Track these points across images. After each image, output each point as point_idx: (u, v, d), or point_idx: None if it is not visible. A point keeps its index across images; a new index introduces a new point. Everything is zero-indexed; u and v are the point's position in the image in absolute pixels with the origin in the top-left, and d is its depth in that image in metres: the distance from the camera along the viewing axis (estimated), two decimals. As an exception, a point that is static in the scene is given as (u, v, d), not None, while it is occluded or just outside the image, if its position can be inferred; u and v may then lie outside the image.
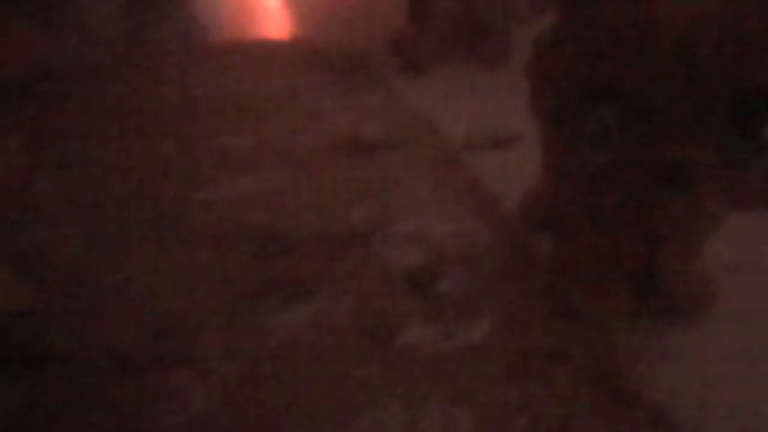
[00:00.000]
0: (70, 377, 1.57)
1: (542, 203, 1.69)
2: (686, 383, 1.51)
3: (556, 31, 1.46)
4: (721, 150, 1.32)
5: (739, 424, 1.44)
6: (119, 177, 2.12)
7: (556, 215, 1.61)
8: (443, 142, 2.21)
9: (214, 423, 1.48)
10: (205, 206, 2.00)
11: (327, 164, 2.14)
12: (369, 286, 1.76)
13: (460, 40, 2.65)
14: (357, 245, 1.87)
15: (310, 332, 1.66)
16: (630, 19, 1.30)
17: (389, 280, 1.77)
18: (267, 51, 3.11)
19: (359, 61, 2.88)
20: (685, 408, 1.47)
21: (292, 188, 2.06)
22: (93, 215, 1.98)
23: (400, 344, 1.62)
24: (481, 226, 1.91)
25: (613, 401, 1.49)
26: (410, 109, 2.36)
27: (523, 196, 1.82)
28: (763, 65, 1.24)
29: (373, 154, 2.17)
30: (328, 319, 1.68)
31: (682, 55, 1.27)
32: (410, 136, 2.23)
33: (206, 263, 1.84)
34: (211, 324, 1.68)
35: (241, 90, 2.65)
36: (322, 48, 3.07)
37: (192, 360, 1.59)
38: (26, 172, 2.14)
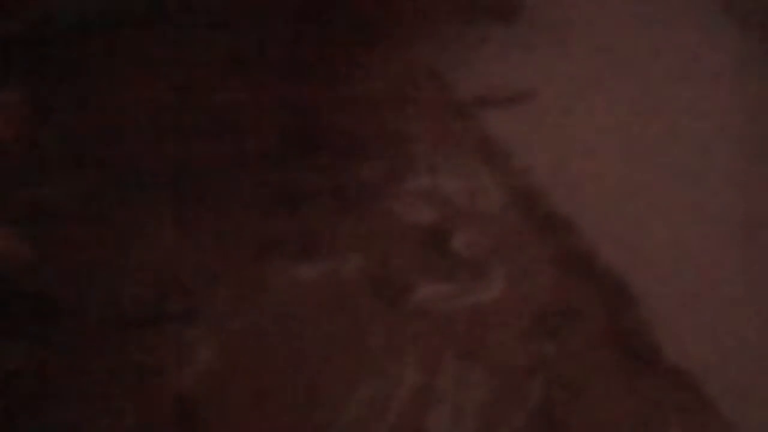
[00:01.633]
0: (73, 333, 1.54)
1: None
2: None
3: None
4: None
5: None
6: (123, 131, 2.08)
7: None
8: (454, 98, 2.17)
9: (220, 379, 1.46)
10: (209, 160, 1.96)
11: (337, 118, 2.10)
12: (379, 243, 1.73)
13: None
14: (367, 202, 1.84)
15: (319, 289, 1.63)
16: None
17: (400, 237, 1.74)
18: None
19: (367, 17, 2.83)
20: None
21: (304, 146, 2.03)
22: (96, 172, 1.95)
23: (411, 302, 1.59)
24: (494, 183, 1.88)
25: (630, 360, 1.47)
26: (420, 64, 2.31)
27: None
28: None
29: (384, 109, 2.13)
30: (337, 276, 1.66)
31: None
32: (420, 92, 2.18)
33: (213, 219, 1.81)
34: (218, 280, 1.65)
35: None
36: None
37: (198, 316, 1.57)
38: (29, 128, 2.10)
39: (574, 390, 1.42)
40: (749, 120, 2.09)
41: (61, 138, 2.07)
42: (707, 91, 2.15)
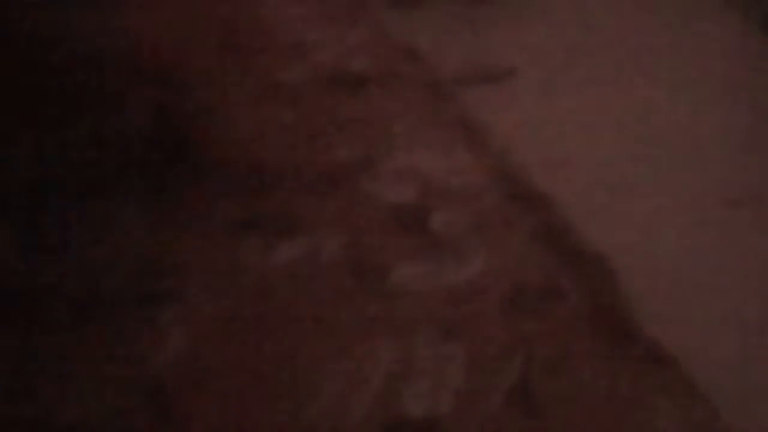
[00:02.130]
0: (46, 318, 1.52)
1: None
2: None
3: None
4: None
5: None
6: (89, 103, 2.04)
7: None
8: (434, 76, 2.15)
9: (196, 363, 1.44)
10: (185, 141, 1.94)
11: (314, 99, 2.08)
12: (358, 223, 1.72)
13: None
14: (346, 181, 1.82)
15: (297, 270, 1.61)
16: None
17: (379, 217, 1.72)
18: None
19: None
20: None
21: (279, 123, 2.00)
22: (66, 154, 1.91)
23: (389, 282, 1.58)
24: (473, 162, 1.86)
25: (610, 338, 1.46)
26: (400, 42, 2.29)
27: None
28: None
29: (362, 88, 2.11)
30: (314, 256, 1.64)
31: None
32: (400, 70, 2.16)
33: (187, 200, 1.78)
34: (193, 262, 1.63)
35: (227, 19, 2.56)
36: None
37: (172, 299, 1.55)
38: None
39: (553, 369, 1.41)
40: (735, 94, 2.08)
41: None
42: (690, 65, 2.14)
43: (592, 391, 1.37)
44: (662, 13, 2.33)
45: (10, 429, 1.34)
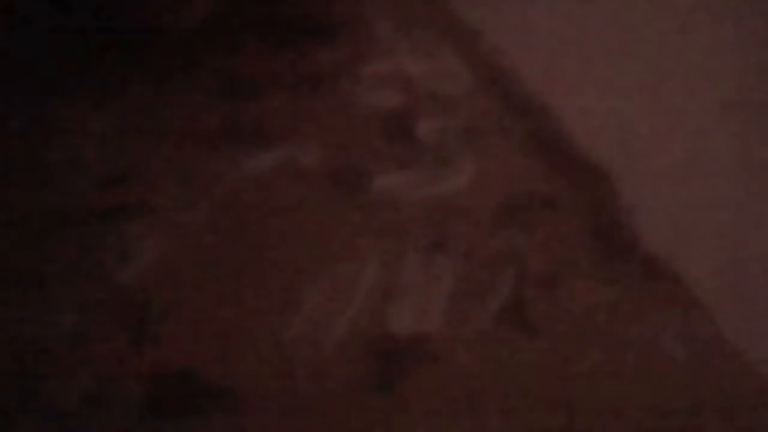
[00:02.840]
0: (7, 231, 1.44)
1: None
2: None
3: None
4: None
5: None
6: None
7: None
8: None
9: (169, 276, 1.37)
10: (162, 47, 1.83)
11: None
12: (339, 131, 1.63)
13: None
14: (325, 87, 1.72)
15: (275, 180, 1.53)
16: None
17: (362, 124, 1.64)
18: None
19: None
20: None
21: (254, 27, 1.90)
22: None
23: (373, 192, 1.51)
24: (461, 65, 1.77)
25: (606, 251, 1.39)
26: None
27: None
28: None
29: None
30: (294, 165, 1.56)
31: None
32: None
33: (160, 105, 1.68)
34: (166, 172, 1.54)
35: None
36: None
37: (143, 210, 1.47)
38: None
39: (547, 284, 1.35)
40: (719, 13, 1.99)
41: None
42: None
43: (589, 308, 1.32)
44: None
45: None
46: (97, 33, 1.82)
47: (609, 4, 1.94)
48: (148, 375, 1.25)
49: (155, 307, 1.33)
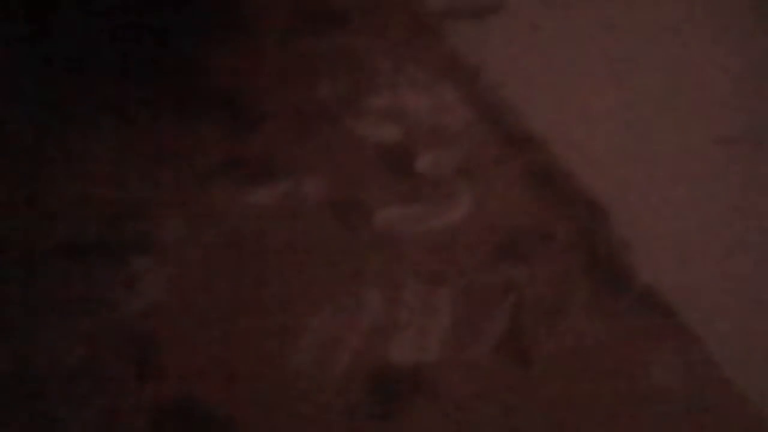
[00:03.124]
0: (16, 265, 1.46)
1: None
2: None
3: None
4: None
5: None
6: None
7: None
8: (420, 9, 2.07)
9: (173, 310, 1.39)
10: (165, 76, 1.86)
11: (294, 34, 2.00)
12: (341, 165, 1.65)
13: None
14: (328, 121, 1.75)
15: (278, 214, 1.55)
16: None
17: (363, 158, 1.66)
18: None
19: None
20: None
21: (258, 61, 1.93)
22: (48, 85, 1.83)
23: (374, 226, 1.53)
24: (460, 100, 1.79)
25: (603, 284, 1.41)
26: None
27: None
28: None
29: (344, 23, 2.03)
30: (296, 199, 1.58)
31: None
32: (384, 3, 2.08)
33: (163, 139, 1.71)
34: (169, 205, 1.57)
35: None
36: None
37: (148, 244, 1.49)
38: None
39: (544, 316, 1.37)
40: (725, 36, 2.02)
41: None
42: (684, 8, 2.07)
43: (586, 340, 1.33)
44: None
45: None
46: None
47: (607, 41, 1.96)
48: (153, 405, 1.27)
49: (159, 340, 1.35)
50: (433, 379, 1.29)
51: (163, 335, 1.36)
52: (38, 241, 1.50)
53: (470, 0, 2.06)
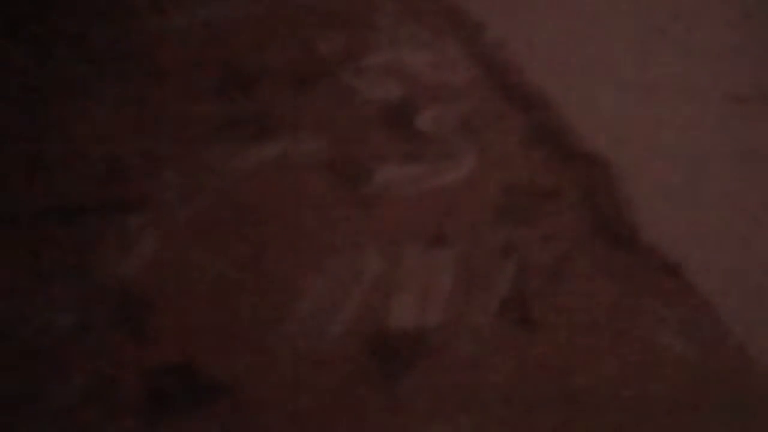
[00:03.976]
0: (9, 226, 1.43)
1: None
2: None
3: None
4: None
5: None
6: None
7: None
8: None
9: (168, 270, 1.36)
10: (164, 38, 1.82)
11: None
12: (339, 123, 1.62)
13: None
14: (326, 78, 1.71)
15: (276, 173, 1.53)
16: None
17: (362, 116, 1.63)
18: None
19: None
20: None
21: (255, 18, 1.88)
22: (33, 48, 1.79)
23: (374, 185, 1.50)
24: (462, 56, 1.75)
25: (606, 243, 1.38)
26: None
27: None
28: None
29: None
30: (295, 158, 1.55)
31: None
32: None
33: (160, 99, 1.67)
34: (166, 164, 1.53)
35: None
36: None
37: (144, 203, 1.46)
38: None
39: (549, 277, 1.34)
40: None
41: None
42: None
43: (591, 301, 1.30)
44: None
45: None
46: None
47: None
48: (148, 370, 1.24)
49: (154, 300, 1.32)
50: (435, 343, 1.26)
51: (158, 297, 1.33)
52: (28, 204, 1.47)
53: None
